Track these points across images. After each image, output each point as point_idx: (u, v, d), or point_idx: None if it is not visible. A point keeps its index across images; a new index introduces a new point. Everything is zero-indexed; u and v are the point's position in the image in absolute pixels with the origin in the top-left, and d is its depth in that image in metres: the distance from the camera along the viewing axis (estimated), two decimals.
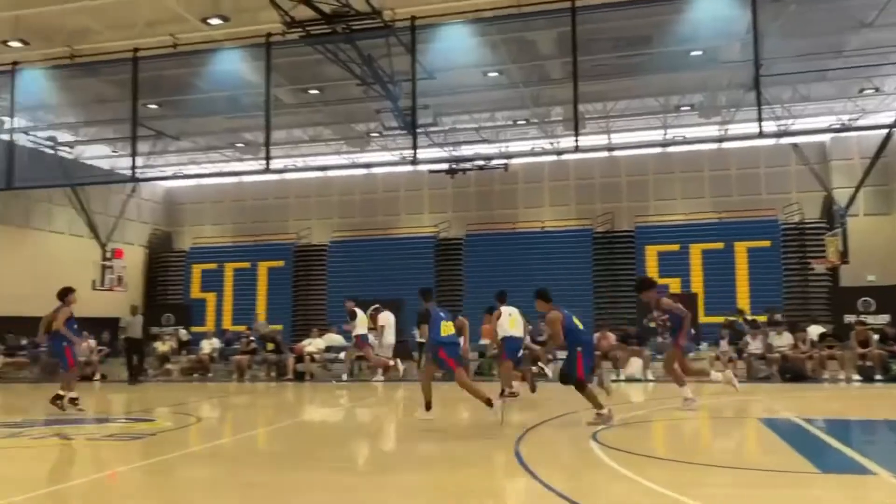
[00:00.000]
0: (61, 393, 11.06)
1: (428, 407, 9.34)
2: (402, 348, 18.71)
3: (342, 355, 18.19)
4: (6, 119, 20.36)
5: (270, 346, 18.30)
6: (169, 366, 19.47)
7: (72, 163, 26.37)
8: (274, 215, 34.50)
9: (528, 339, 13.59)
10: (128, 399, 14.58)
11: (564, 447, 7.96)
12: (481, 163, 27.33)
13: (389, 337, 17.15)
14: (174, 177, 31.93)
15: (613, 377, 15.36)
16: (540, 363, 14.40)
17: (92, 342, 19.43)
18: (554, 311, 9.04)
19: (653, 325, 16.08)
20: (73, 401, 11.25)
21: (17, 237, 27.85)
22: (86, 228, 26.97)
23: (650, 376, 15.75)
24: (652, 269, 27.63)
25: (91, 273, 25.64)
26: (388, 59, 18.02)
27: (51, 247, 28.97)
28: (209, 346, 19.07)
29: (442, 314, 9.51)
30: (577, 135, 17.46)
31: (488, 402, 8.64)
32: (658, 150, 29.50)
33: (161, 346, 19.86)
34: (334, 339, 19.83)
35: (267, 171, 20.07)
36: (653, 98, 24.60)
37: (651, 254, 28.69)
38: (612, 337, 16.82)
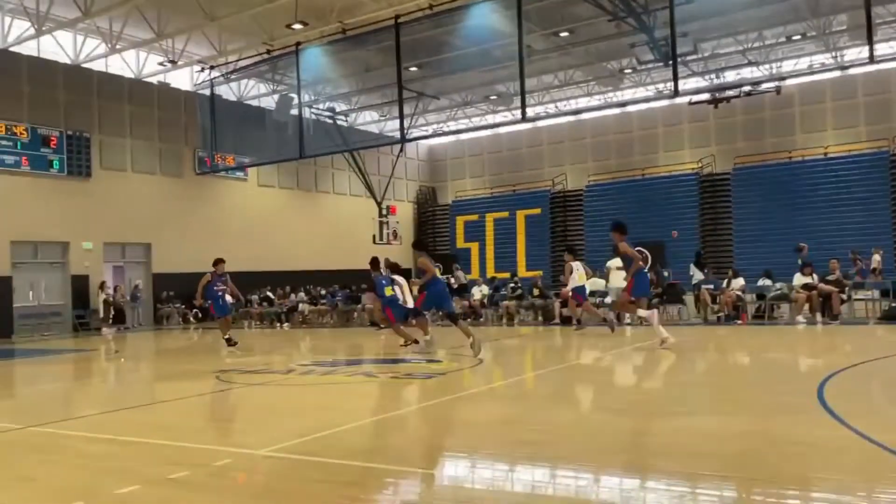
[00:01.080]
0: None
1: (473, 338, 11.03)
2: (672, 290, 18.06)
3: (607, 300, 18.03)
4: (294, 96, 22.86)
5: (536, 291, 18.72)
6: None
7: (347, 130, 28.98)
8: (529, 164, 34.97)
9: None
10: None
11: (872, 394, 7.13)
12: (748, 88, 25.01)
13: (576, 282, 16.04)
14: (436, 134, 33.65)
15: None
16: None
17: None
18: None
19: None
20: (228, 341, 14.23)
21: (309, 200, 31.52)
22: (363, 189, 29.61)
23: None
24: None
25: (371, 229, 28.17)
26: None
27: (336, 207, 32.41)
28: (479, 292, 20.03)
29: (384, 281, 12.72)
30: (870, 43, 15.17)
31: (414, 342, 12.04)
32: None
33: (477, 293, 21.28)
34: (598, 283, 19.70)
35: (523, 120, 20.25)
36: None
37: None
38: None
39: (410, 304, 13.09)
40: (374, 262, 13.28)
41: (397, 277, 13.36)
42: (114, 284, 23.93)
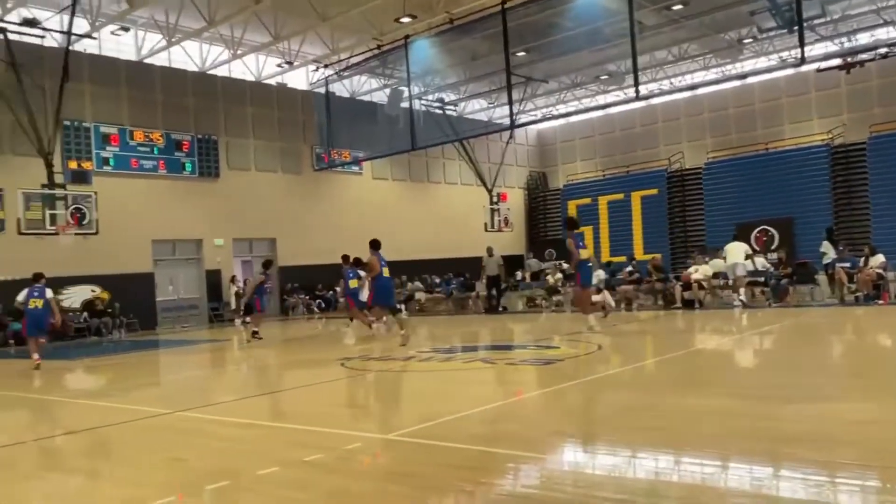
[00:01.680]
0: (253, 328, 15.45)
1: None
2: (803, 270, 17.09)
3: (731, 281, 17.30)
4: (404, 89, 23.28)
5: (656, 274, 18.22)
6: (558, 297, 20.71)
7: (456, 119, 29.20)
8: (643, 143, 33.98)
9: None
10: (530, 328, 15.93)
11: None
12: (885, 50, 23.16)
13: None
14: (545, 118, 33.29)
15: None
16: None
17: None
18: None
19: None
20: (254, 333, 15.27)
21: (422, 191, 32.05)
22: (473, 177, 29.77)
23: None
24: None
25: (482, 217, 28.31)
26: None
27: (447, 197, 32.78)
28: (595, 277, 19.69)
29: (350, 273, 14.76)
30: None
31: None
32: None
33: (550, 279, 21.18)
34: (720, 265, 18.93)
35: (637, 98, 19.68)
36: None
37: None
38: None
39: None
40: (345, 258, 16.04)
41: (361, 272, 15.07)
42: (243, 278, 25.33)
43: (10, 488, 5.10)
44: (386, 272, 13.45)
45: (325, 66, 24.83)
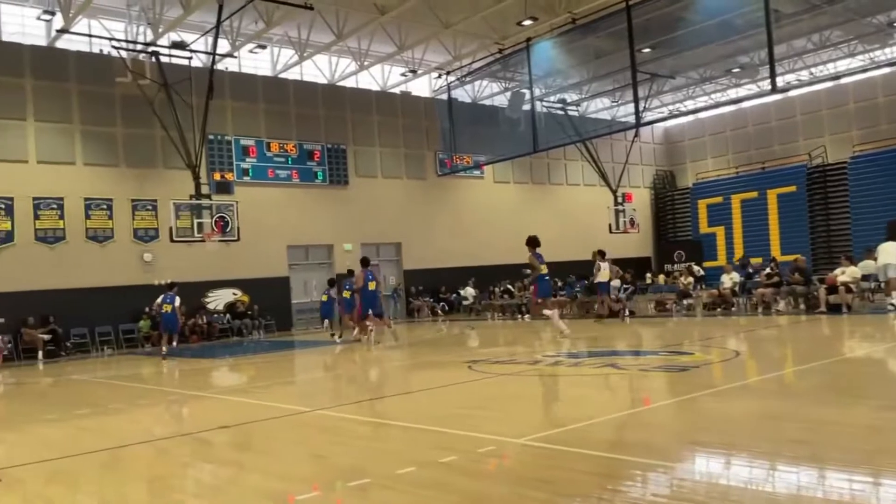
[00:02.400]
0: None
1: None
2: None
3: (883, 283, 16.02)
4: (526, 91, 23.25)
5: (797, 276, 17.17)
6: (689, 301, 19.96)
7: (579, 119, 28.79)
8: (779, 138, 32.17)
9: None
10: (660, 333, 15.46)
11: None
12: None
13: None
14: (673, 115, 32.21)
15: None
16: None
17: (616, 282, 21.08)
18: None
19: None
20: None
21: (544, 193, 31.86)
22: (597, 177, 29.25)
23: None
24: None
25: (606, 218, 27.74)
26: None
27: (570, 198, 32.40)
28: (729, 279, 18.86)
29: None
30: None
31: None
32: None
33: (682, 282, 20.46)
34: (869, 265, 17.59)
35: (773, 91, 18.63)
36: None
37: None
38: None
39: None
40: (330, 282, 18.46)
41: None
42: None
43: (170, 474, 5.58)
44: (371, 286, 15.67)
45: (448, 73, 25.24)
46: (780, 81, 22.62)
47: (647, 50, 23.58)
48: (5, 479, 5.55)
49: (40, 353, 18.25)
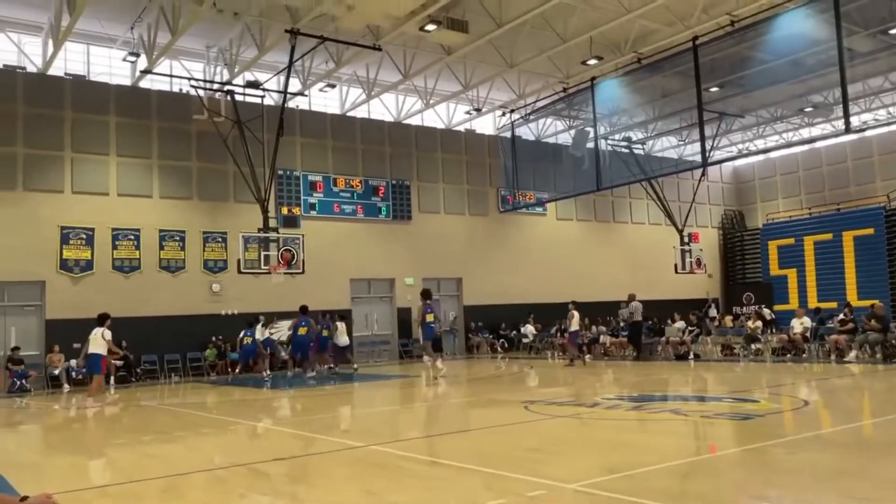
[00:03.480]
0: None
1: None
2: None
3: None
4: (590, 129, 23.20)
5: (873, 324, 16.39)
6: (757, 345, 19.27)
7: (644, 158, 28.49)
8: (855, 178, 31.11)
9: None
10: (726, 378, 14.96)
11: None
12: None
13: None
14: (741, 155, 31.61)
15: None
16: None
17: (680, 324, 20.57)
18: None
19: None
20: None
21: (607, 231, 31.52)
22: (662, 216, 28.77)
23: None
24: None
25: (672, 258, 27.18)
26: None
27: (635, 237, 31.93)
28: (800, 324, 18.14)
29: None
30: None
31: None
32: None
33: (750, 325, 19.81)
34: None
35: (847, 131, 18.09)
36: None
37: None
38: None
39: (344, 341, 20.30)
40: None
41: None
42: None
43: (225, 502, 5.67)
44: (429, 318, 16.72)
45: (512, 111, 25.44)
46: (855, 121, 21.98)
47: (714, 89, 23.26)
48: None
49: (112, 379, 18.93)
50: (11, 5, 19.13)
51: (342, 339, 20.49)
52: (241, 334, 19.44)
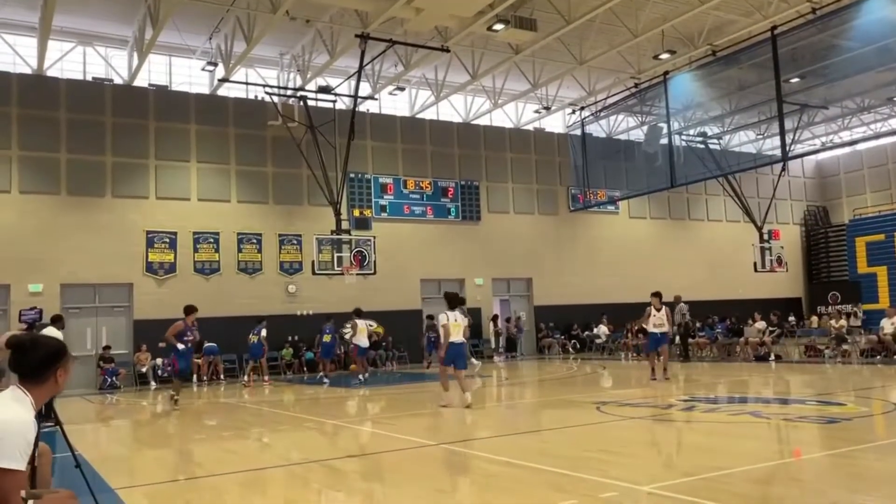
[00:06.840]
0: None
1: None
2: None
3: None
4: (663, 125, 22.65)
5: None
6: (845, 346, 18.42)
7: (720, 153, 27.62)
8: None
9: None
10: (810, 380, 14.37)
11: None
12: None
13: None
14: (825, 148, 30.24)
15: None
16: None
17: (761, 324, 19.85)
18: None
19: None
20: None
21: (682, 229, 30.74)
22: (740, 213, 27.84)
23: None
24: None
25: (751, 256, 26.26)
26: None
27: (711, 235, 31.03)
28: (890, 324, 17.23)
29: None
30: None
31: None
32: None
33: (834, 325, 18.98)
34: None
35: None
36: None
37: None
38: None
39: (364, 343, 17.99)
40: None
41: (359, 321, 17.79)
42: (504, 316, 26.18)
43: (301, 498, 5.82)
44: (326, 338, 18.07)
45: (582, 108, 25.11)
46: None
47: (795, 80, 22.33)
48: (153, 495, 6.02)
49: (195, 377, 19.67)
50: (98, 21, 20.13)
51: (362, 341, 18.10)
52: (321, 333, 19.72)
